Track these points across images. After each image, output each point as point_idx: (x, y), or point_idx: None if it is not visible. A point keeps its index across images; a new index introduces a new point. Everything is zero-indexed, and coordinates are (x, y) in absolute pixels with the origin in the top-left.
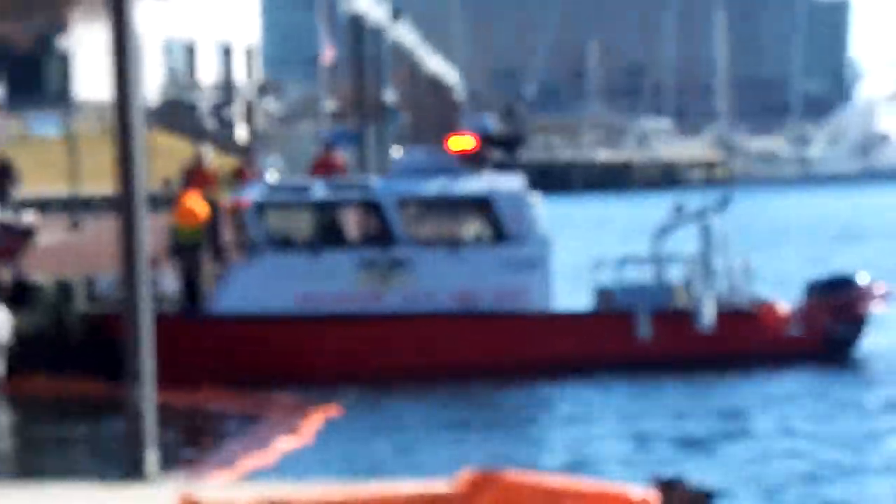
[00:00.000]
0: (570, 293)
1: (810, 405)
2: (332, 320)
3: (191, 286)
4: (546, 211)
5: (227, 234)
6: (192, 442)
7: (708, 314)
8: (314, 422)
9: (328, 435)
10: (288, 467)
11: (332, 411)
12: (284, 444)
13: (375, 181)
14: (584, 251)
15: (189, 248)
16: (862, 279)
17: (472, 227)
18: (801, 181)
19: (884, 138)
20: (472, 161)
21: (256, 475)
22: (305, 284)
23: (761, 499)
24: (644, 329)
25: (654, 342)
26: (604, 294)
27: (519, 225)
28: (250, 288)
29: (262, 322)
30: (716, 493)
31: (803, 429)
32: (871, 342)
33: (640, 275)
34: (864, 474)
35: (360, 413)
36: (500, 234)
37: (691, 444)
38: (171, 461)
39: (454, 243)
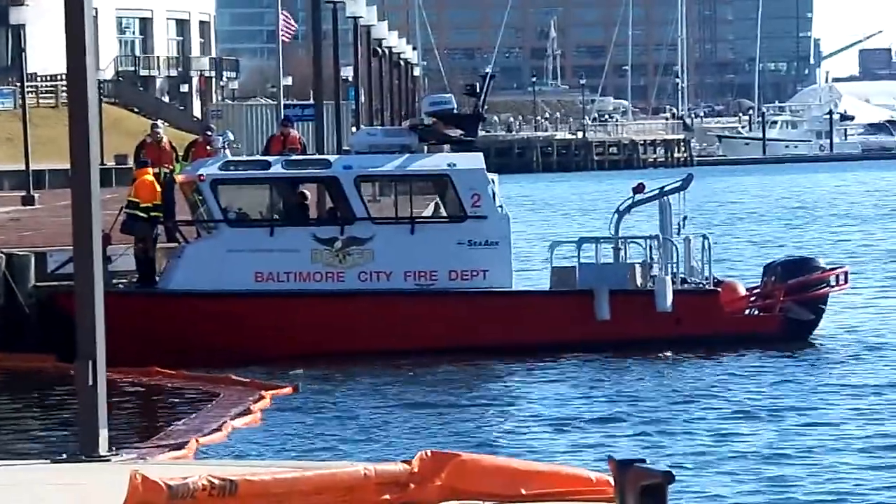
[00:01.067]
0: (528, 273)
1: (768, 386)
2: (289, 298)
3: (145, 263)
4: (504, 190)
5: (181, 210)
6: (144, 420)
7: (667, 295)
8: (268, 401)
9: (283, 414)
10: (241, 447)
11: (286, 390)
12: (237, 422)
13: (334, 158)
14: (542, 231)
15: (143, 224)
16: (820, 260)
17: (435, 206)
18: (760, 162)
19: (844, 119)
20: (431, 139)
21: (208, 454)
22: (262, 262)
23: (718, 480)
24: (602, 309)
25: (613, 322)
26: (562, 273)
27: (478, 203)
28: (206, 265)
29: (219, 299)
30: (672, 474)
31: (761, 410)
32: (828, 323)
33: (598, 254)
34: (821, 454)
35: (316, 392)
36: (458, 213)
37: (650, 426)
38: (122, 440)
39: (412, 221)
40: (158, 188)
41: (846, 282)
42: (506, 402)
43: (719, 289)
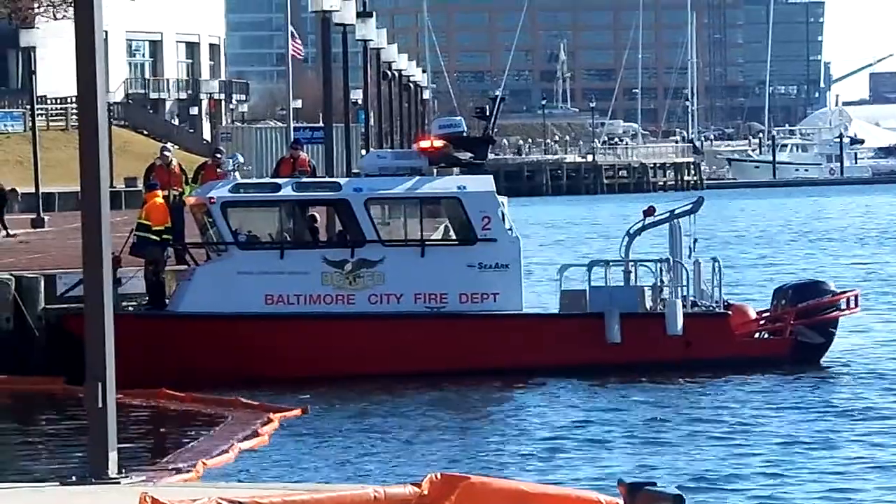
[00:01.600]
0: (538, 295)
1: (779, 410)
2: (299, 321)
3: (155, 285)
4: (514, 213)
5: (190, 233)
6: (153, 442)
7: (677, 318)
8: (276, 423)
9: (291, 437)
10: (249, 469)
11: (295, 413)
12: (245, 445)
13: (344, 181)
14: (551, 254)
15: (154, 247)
16: (830, 284)
17: (440, 228)
18: (770, 185)
19: (854, 143)
20: (441, 162)
21: (218, 476)
22: (272, 284)
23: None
24: (613, 332)
25: (624, 345)
26: (571, 296)
27: (488, 226)
28: (217, 287)
29: (229, 322)
30: (682, 497)
31: (771, 433)
32: (839, 347)
33: (609, 278)
34: (830, 478)
35: (324, 415)
36: (469, 236)
37: (660, 449)
38: (130, 462)
39: (423, 244)
40: (168, 211)
41: (857, 305)
42: (516, 425)
43: (729, 312)
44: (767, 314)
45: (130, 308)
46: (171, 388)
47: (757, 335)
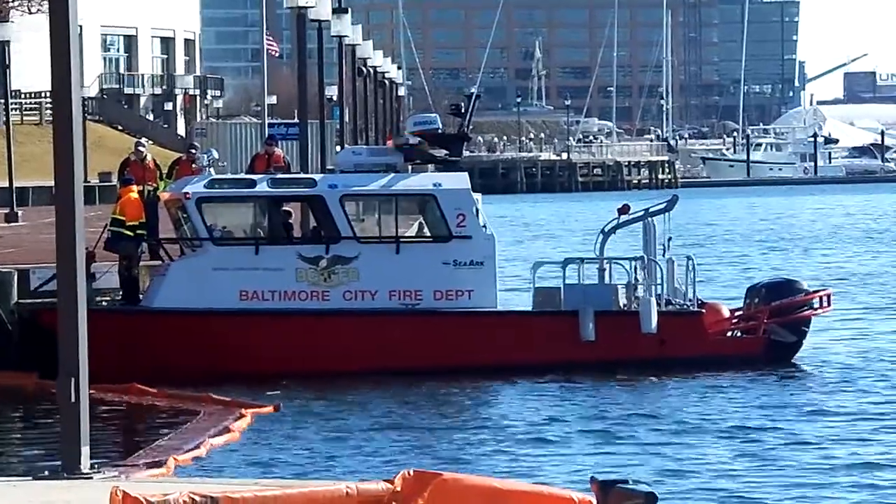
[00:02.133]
0: (511, 293)
1: (751, 408)
2: (274, 317)
3: (129, 281)
4: (488, 211)
5: (164, 228)
6: (124, 438)
7: (652, 316)
8: (248, 419)
9: (263, 433)
10: (220, 465)
11: (267, 409)
12: (216, 441)
13: (319, 177)
14: (525, 251)
15: (129, 242)
16: (803, 283)
17: (418, 225)
18: (744, 184)
19: (828, 142)
20: (416, 159)
21: (189, 472)
22: (247, 280)
23: (702, 502)
24: (588, 330)
25: (598, 343)
26: (544, 294)
27: (463, 223)
28: (191, 283)
29: (203, 318)
30: (655, 495)
31: (743, 431)
32: (811, 346)
33: (583, 276)
34: (803, 475)
35: (297, 411)
36: (444, 233)
37: (633, 446)
38: (101, 457)
39: (398, 241)
40: (142, 206)
41: (829, 304)
42: (489, 422)
43: (703, 310)
44: (740, 313)
45: (104, 303)
46: (144, 384)
47: (729, 334)
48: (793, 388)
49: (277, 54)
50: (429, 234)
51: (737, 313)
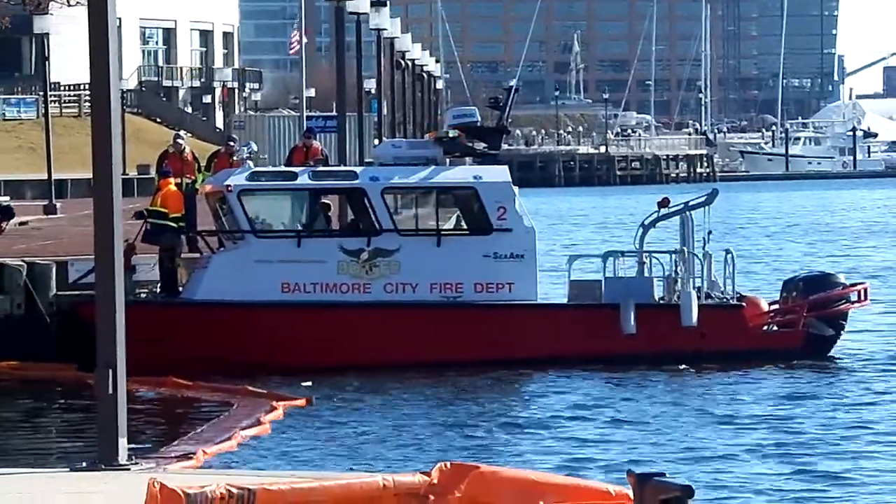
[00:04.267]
0: (545, 285)
1: (791, 401)
2: (315, 309)
3: (169, 273)
4: (526, 204)
5: (202, 221)
6: (159, 430)
7: (692, 309)
8: (280, 412)
9: (296, 426)
10: (253, 457)
11: (300, 402)
12: (248, 433)
13: (360, 170)
14: (561, 244)
15: (171, 234)
16: (840, 276)
17: (456, 218)
18: (783, 178)
19: (867, 136)
20: (455, 151)
21: (219, 464)
22: (289, 273)
23: (738, 496)
24: (628, 323)
25: (638, 337)
26: (580, 287)
27: (504, 216)
28: (233, 275)
29: (245, 310)
30: (691, 488)
31: (783, 425)
32: (847, 340)
33: (617, 268)
34: (843, 470)
35: (330, 404)
36: (484, 226)
37: (671, 440)
38: (138, 449)
39: (439, 234)
40: (182, 199)
41: (866, 298)
42: (526, 415)
43: (743, 304)
44: (777, 306)
45: (142, 295)
46: (181, 376)
47: (766, 327)
48: (831, 381)
49: (296, 49)
50: (465, 227)
51: (773, 307)
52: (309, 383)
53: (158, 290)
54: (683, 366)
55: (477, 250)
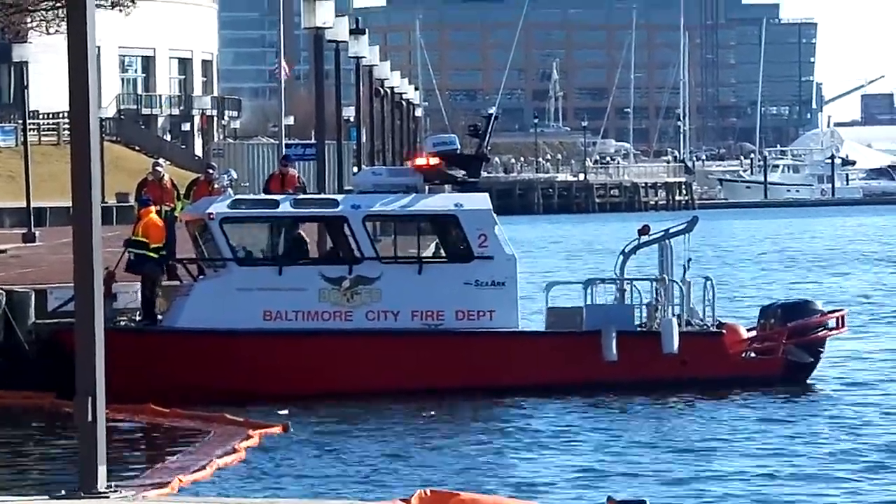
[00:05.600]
0: (528, 313)
1: (770, 428)
2: (297, 337)
3: (149, 302)
4: (505, 231)
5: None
6: (135, 457)
7: (674, 336)
8: (256, 440)
9: (271, 454)
10: (228, 485)
11: (276, 430)
12: (222, 461)
13: (341, 197)
14: (538, 272)
15: (153, 264)
16: (818, 304)
17: (435, 246)
18: (762, 206)
19: (845, 164)
20: (435, 179)
21: (194, 492)
22: (270, 300)
23: None
24: (610, 350)
25: (620, 364)
26: (558, 314)
27: (485, 244)
28: (215, 303)
29: (227, 338)
30: None
31: (766, 454)
32: (826, 366)
33: (600, 296)
34: (825, 496)
35: (307, 432)
36: (466, 253)
37: (651, 467)
38: (114, 477)
39: (420, 261)
40: (163, 227)
41: (844, 325)
42: (507, 442)
43: (723, 331)
44: (754, 333)
45: (122, 322)
46: (160, 403)
47: (744, 354)
48: (810, 408)
49: (286, 77)
50: (444, 255)
51: (751, 334)
52: (286, 411)
53: (139, 317)
54: (673, 398)
55: (458, 278)
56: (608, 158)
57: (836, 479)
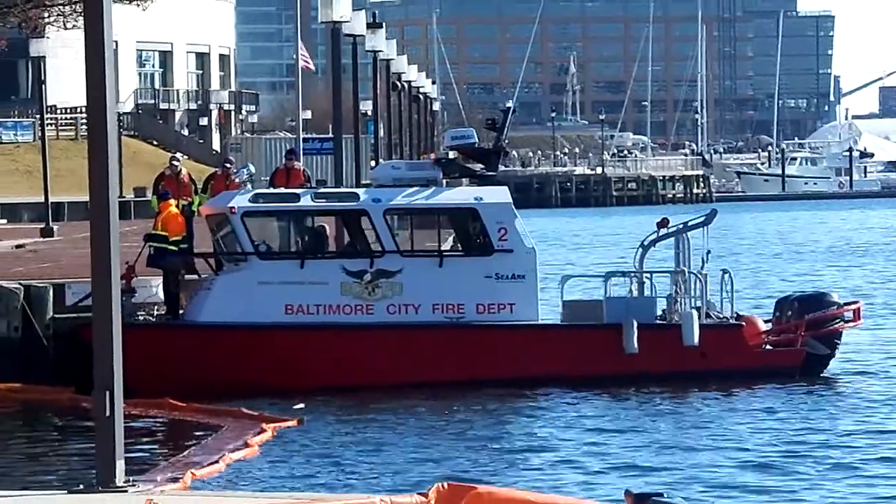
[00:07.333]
0: (542, 307)
1: (788, 420)
2: (319, 330)
3: (172, 296)
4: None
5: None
6: (151, 452)
7: (694, 329)
8: (270, 434)
9: (285, 447)
10: (241, 479)
11: (290, 424)
12: (235, 455)
13: (362, 191)
14: (555, 264)
15: (174, 258)
16: (834, 296)
17: (453, 239)
18: (779, 199)
19: (863, 156)
20: (453, 173)
21: (216, 485)
22: (292, 294)
23: None
24: (630, 343)
25: (640, 356)
26: (573, 307)
27: (504, 237)
28: (237, 297)
29: (250, 332)
30: None
31: (781, 443)
32: (843, 358)
33: (610, 289)
34: (838, 486)
35: (322, 425)
36: (486, 246)
37: (669, 459)
38: (135, 471)
39: (441, 255)
40: (183, 221)
41: (860, 318)
42: (525, 435)
43: (742, 323)
44: (776, 325)
45: (140, 317)
46: (177, 398)
47: (762, 346)
48: (830, 399)
49: (311, 69)
50: (461, 248)
51: (768, 326)
52: (301, 405)
53: (158, 312)
54: (692, 391)
55: (478, 271)
56: (626, 152)
57: (858, 472)
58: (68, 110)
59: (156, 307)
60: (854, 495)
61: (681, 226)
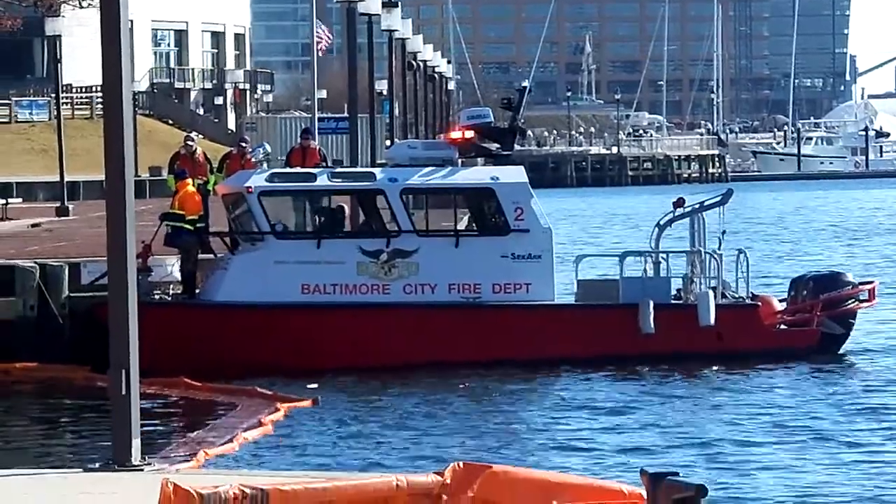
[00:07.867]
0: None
1: (803, 401)
2: (335, 310)
3: (189, 275)
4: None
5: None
6: (165, 431)
7: (710, 309)
8: (282, 413)
9: (299, 427)
10: (254, 458)
11: (305, 403)
12: (249, 434)
13: (378, 171)
14: (568, 244)
15: (190, 237)
16: (849, 275)
17: (468, 219)
18: (795, 178)
19: (879, 136)
20: (469, 152)
21: (222, 465)
22: (309, 274)
23: (752, 494)
24: (647, 323)
25: (657, 336)
26: (588, 286)
27: (521, 217)
28: (253, 277)
29: (266, 311)
30: (705, 488)
31: (796, 423)
32: (858, 337)
33: (625, 269)
34: (852, 468)
35: (336, 405)
36: (502, 226)
37: (685, 439)
38: (150, 449)
39: (457, 235)
40: (200, 201)
41: (874, 297)
42: (540, 414)
43: (758, 303)
44: (791, 304)
45: (157, 296)
46: (193, 377)
47: (778, 326)
48: (847, 378)
49: (328, 47)
50: (476, 227)
51: (783, 306)
52: (315, 385)
53: (173, 291)
54: (708, 371)
55: (495, 251)
56: (641, 131)
57: (874, 450)
58: (84, 89)
59: (171, 286)
60: (870, 474)
61: (696, 205)
